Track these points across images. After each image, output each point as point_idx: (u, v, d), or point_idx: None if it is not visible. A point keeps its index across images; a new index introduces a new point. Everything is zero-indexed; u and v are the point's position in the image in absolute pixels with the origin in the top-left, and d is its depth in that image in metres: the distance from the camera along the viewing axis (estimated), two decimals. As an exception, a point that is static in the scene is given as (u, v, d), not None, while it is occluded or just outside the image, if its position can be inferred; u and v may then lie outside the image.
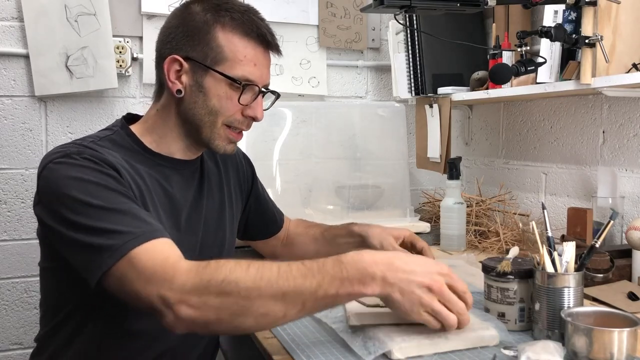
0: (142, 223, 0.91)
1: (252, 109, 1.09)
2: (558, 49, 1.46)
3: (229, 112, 1.07)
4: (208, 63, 1.05)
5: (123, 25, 1.87)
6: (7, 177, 1.81)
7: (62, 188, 0.92)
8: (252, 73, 1.06)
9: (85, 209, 0.90)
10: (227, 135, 1.10)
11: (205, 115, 1.07)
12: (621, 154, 1.57)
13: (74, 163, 0.95)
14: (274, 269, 0.85)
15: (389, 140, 2.00)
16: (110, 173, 0.96)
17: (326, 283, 0.84)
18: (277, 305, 0.84)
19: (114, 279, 0.87)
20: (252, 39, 1.06)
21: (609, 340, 0.84)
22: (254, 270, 0.84)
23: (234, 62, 1.05)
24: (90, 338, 1.04)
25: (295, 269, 0.85)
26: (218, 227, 1.21)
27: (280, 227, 1.44)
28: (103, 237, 0.88)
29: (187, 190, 1.15)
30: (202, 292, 0.83)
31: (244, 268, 0.85)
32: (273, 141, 1.82)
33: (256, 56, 1.07)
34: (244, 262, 0.86)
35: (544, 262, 0.99)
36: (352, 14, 2.11)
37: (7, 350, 1.83)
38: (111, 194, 0.93)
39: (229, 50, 1.05)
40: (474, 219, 1.81)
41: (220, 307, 0.83)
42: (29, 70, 1.78)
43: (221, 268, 0.84)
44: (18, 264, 1.82)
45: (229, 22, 1.05)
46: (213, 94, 1.06)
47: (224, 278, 0.83)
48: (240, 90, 1.06)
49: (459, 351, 0.93)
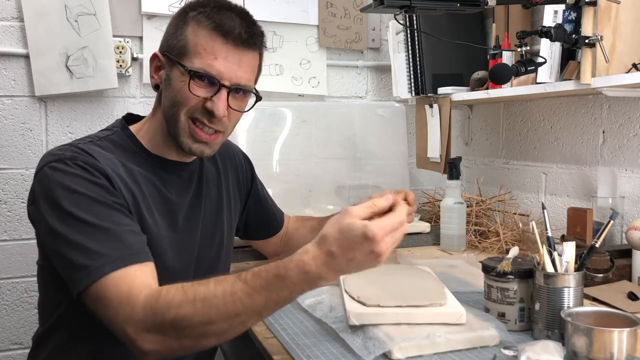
0: (122, 246, 0.93)
1: (212, 102, 1.05)
2: (558, 49, 1.46)
3: (189, 103, 1.05)
4: (174, 55, 1.06)
5: (123, 25, 1.87)
6: (7, 177, 1.81)
7: (54, 196, 0.95)
8: (211, 66, 1.03)
9: (71, 221, 0.93)
10: (191, 131, 1.07)
11: (169, 107, 1.07)
12: (621, 154, 1.57)
13: (66, 171, 0.97)
14: (219, 296, 0.85)
15: (389, 140, 2.00)
16: (101, 183, 0.97)
17: (274, 296, 0.84)
18: (234, 322, 0.86)
19: (91, 298, 0.90)
20: (217, 33, 1.04)
21: (609, 340, 0.85)
22: (201, 304, 0.85)
23: (194, 54, 1.04)
24: (87, 336, 1.05)
25: (240, 290, 0.84)
26: (216, 227, 1.21)
27: (281, 226, 1.44)
28: (82, 255, 0.91)
29: (185, 192, 1.15)
30: (159, 330, 0.86)
31: (191, 301, 0.85)
32: (273, 141, 1.82)
33: (218, 49, 1.04)
34: (190, 293, 0.86)
35: (544, 262, 0.99)
36: (352, 14, 2.11)
37: (7, 350, 1.83)
38: (99, 208, 0.95)
39: (192, 43, 1.04)
40: (474, 219, 1.81)
41: (180, 339, 0.86)
42: (29, 70, 1.78)
43: (170, 306, 0.85)
44: (18, 264, 1.82)
45: (200, 17, 1.05)
46: (175, 85, 1.06)
47: (174, 316, 0.85)
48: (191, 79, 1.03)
49: (459, 351, 0.93)
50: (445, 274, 1.36)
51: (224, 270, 1.25)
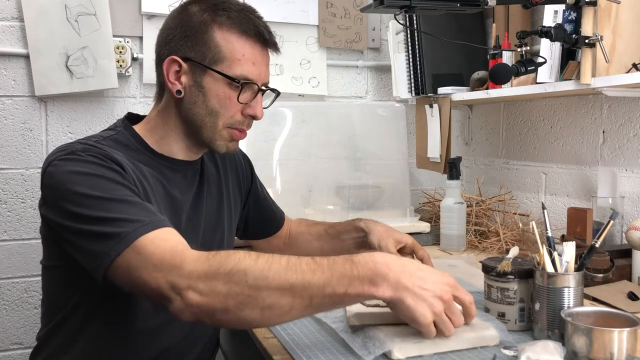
0: (149, 213, 0.91)
1: (252, 107, 1.09)
2: (558, 49, 1.46)
3: (229, 113, 1.08)
4: (207, 63, 1.05)
5: (123, 25, 1.87)
6: (7, 177, 1.81)
7: (67, 184, 0.93)
8: (251, 72, 1.06)
9: (90, 201, 0.90)
10: (230, 134, 1.10)
11: (206, 115, 1.07)
12: (621, 154, 1.57)
13: (79, 159, 0.96)
14: (283, 261, 0.84)
15: (389, 140, 2.00)
16: (116, 168, 0.97)
17: (335, 280, 0.83)
18: (284, 297, 0.83)
19: (122, 268, 0.87)
20: (249, 38, 1.06)
21: (609, 340, 0.85)
22: (263, 261, 0.84)
23: (232, 61, 1.05)
24: (91, 336, 1.05)
25: (305, 263, 0.84)
26: (217, 226, 1.21)
27: (281, 226, 1.44)
28: (110, 226, 0.88)
29: (188, 191, 1.15)
30: (211, 279, 0.83)
31: (253, 258, 0.84)
32: (273, 141, 1.82)
33: (254, 54, 1.07)
34: (253, 252, 0.86)
35: (544, 262, 0.99)
36: (352, 14, 2.11)
37: (7, 350, 1.83)
38: (117, 187, 0.93)
39: (227, 49, 1.05)
40: (474, 219, 1.81)
41: (228, 295, 0.83)
42: (29, 70, 1.78)
43: (230, 257, 0.84)
44: (18, 263, 1.83)
45: (226, 21, 1.05)
46: (212, 94, 1.06)
47: (233, 266, 0.83)
48: (240, 89, 1.06)
49: (459, 351, 0.93)
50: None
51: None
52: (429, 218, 1.96)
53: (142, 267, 0.85)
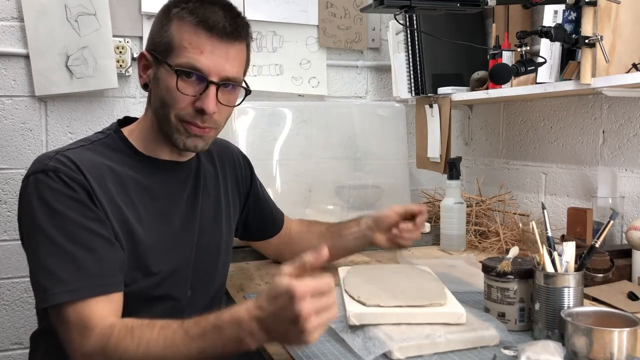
0: (84, 276, 0.94)
1: (201, 100, 1.03)
2: (558, 49, 1.46)
3: (178, 104, 1.03)
4: (159, 53, 1.04)
5: (123, 25, 1.87)
6: (7, 177, 1.81)
7: (33, 210, 0.97)
8: (198, 60, 1.01)
9: (42, 238, 0.95)
10: (185, 129, 1.05)
11: (160, 108, 1.06)
12: (621, 154, 1.57)
13: (47, 184, 0.97)
14: (160, 344, 0.88)
15: (389, 140, 2.00)
16: (80, 198, 0.98)
17: (208, 346, 0.86)
18: None
19: (50, 316, 0.97)
20: (200, 27, 1.02)
21: (609, 340, 0.85)
22: (143, 350, 0.88)
23: (179, 50, 1.02)
24: None
25: (180, 338, 0.87)
26: (214, 227, 1.20)
27: (281, 227, 1.44)
28: (45, 278, 0.94)
29: (181, 191, 1.14)
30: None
31: (135, 347, 0.89)
32: (273, 141, 1.82)
33: (202, 43, 1.02)
34: (136, 338, 0.89)
35: (544, 262, 0.99)
36: (352, 14, 2.11)
37: (7, 350, 1.83)
38: (74, 229, 0.96)
39: (177, 39, 1.03)
40: (474, 219, 1.81)
41: None
42: (29, 70, 1.78)
43: (117, 348, 0.89)
44: (18, 263, 1.82)
45: (183, 12, 1.03)
46: (163, 85, 1.04)
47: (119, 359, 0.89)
48: (178, 77, 1.02)
49: (459, 351, 0.93)
50: (445, 274, 1.36)
51: (223, 271, 1.24)
52: (429, 218, 1.96)
53: (63, 330, 0.94)
